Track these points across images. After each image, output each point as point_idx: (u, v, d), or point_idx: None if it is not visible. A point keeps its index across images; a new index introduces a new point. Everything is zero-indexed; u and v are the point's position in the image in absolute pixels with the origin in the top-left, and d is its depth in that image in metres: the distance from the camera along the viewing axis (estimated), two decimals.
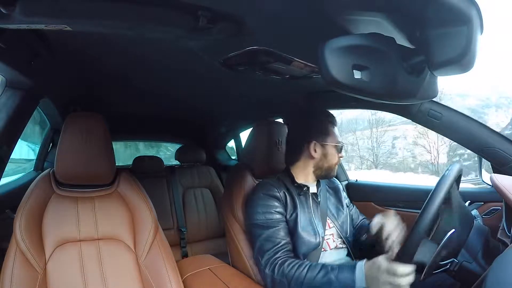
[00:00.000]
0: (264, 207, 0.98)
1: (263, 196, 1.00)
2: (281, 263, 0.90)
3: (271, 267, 0.91)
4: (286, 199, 1.01)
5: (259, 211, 0.99)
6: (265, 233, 0.96)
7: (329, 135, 1.04)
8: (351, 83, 0.48)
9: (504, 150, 0.93)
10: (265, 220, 0.97)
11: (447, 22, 0.47)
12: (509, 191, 0.71)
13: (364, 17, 0.58)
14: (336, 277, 0.81)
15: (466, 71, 0.52)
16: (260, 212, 0.98)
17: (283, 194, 1.01)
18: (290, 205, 1.00)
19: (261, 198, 1.00)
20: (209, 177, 2.16)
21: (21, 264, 0.81)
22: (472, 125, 0.97)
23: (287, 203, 1.00)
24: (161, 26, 0.60)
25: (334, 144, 1.04)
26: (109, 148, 1.00)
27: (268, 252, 0.94)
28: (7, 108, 0.88)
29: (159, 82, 1.12)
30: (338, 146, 1.05)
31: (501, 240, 0.76)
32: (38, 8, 0.52)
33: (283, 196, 1.01)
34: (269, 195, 1.00)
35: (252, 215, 1.00)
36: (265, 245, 0.95)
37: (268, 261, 0.93)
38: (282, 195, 1.01)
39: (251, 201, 1.03)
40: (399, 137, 12.27)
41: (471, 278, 0.67)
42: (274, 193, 1.00)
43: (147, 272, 0.94)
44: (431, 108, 0.99)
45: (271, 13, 0.59)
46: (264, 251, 0.94)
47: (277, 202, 0.99)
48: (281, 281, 0.88)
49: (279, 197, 1.00)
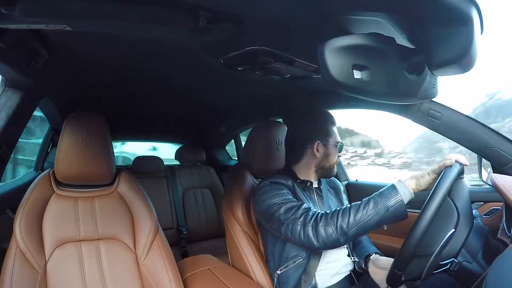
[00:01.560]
0: (274, 191, 0.96)
1: (270, 184, 0.99)
2: (323, 214, 0.84)
3: (312, 218, 0.84)
4: (294, 189, 1.00)
5: (269, 195, 0.95)
6: (283, 206, 0.90)
7: (330, 136, 1.05)
8: (351, 83, 0.48)
9: (504, 150, 0.93)
10: (280, 200, 0.93)
11: (447, 22, 0.47)
12: (509, 191, 0.71)
13: (364, 17, 0.58)
14: (385, 204, 0.76)
15: (466, 71, 0.52)
16: (272, 195, 0.94)
17: (291, 183, 1.01)
18: (298, 195, 0.99)
19: (268, 185, 0.98)
20: (209, 177, 2.17)
21: (21, 264, 0.81)
22: (472, 125, 0.97)
23: (296, 193, 0.99)
24: (161, 26, 0.60)
25: (335, 143, 1.05)
26: (109, 148, 1.00)
27: (301, 210, 0.87)
28: (7, 108, 0.88)
29: (159, 82, 1.12)
30: (339, 146, 1.06)
31: (501, 240, 0.76)
32: (38, 8, 0.52)
33: (291, 184, 1.00)
34: (277, 183, 0.99)
35: (262, 202, 0.96)
36: (291, 209, 0.89)
37: (305, 215, 0.85)
38: (290, 183, 1.00)
39: (258, 192, 1.00)
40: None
41: (471, 278, 0.67)
42: (282, 181, 0.99)
43: (147, 272, 0.94)
44: (431, 108, 0.99)
45: (271, 13, 0.59)
46: (293, 212, 0.88)
47: (286, 189, 0.97)
48: (330, 229, 0.80)
49: (288, 185, 0.99)
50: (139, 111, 1.66)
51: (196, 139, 2.29)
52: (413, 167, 5.88)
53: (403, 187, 0.77)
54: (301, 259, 0.96)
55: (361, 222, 0.77)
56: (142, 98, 1.38)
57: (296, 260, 0.96)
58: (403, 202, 0.76)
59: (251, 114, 1.70)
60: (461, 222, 0.71)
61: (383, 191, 0.79)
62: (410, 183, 0.78)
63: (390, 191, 0.77)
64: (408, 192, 0.77)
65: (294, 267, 0.96)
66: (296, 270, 0.96)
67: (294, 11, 0.58)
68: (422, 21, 0.51)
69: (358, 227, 0.78)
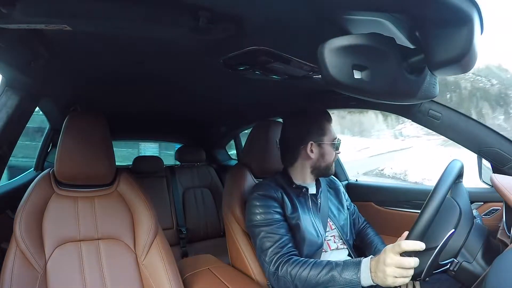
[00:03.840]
0: (261, 208, 0.97)
1: (259, 197, 0.99)
2: (286, 261, 0.89)
3: (275, 265, 0.89)
4: (283, 200, 0.99)
5: (256, 212, 0.98)
6: (264, 231, 0.95)
7: (325, 134, 1.02)
8: (351, 83, 0.48)
9: (504, 150, 0.93)
10: (263, 219, 0.96)
11: (447, 22, 0.47)
12: (509, 191, 0.71)
13: (364, 17, 0.58)
14: (340, 274, 0.78)
15: (466, 71, 0.52)
16: (258, 213, 0.97)
17: (280, 194, 1.00)
18: (289, 206, 0.99)
19: (257, 198, 0.99)
20: (209, 177, 2.17)
21: (21, 263, 0.81)
22: (472, 125, 0.97)
23: (285, 203, 0.99)
24: (161, 26, 0.60)
25: (330, 142, 1.03)
26: (109, 148, 1.00)
27: (271, 250, 0.92)
28: (7, 108, 0.88)
29: (159, 82, 1.11)
30: (335, 143, 1.03)
31: (501, 240, 0.76)
32: (38, 8, 0.52)
33: (280, 196, 0.99)
34: (265, 196, 0.99)
35: (250, 216, 0.99)
36: (266, 243, 0.93)
37: (271, 259, 0.91)
38: (279, 195, 1.00)
39: (248, 203, 1.02)
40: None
41: (471, 278, 0.67)
42: (271, 194, 0.99)
43: (147, 272, 0.94)
44: (431, 108, 0.99)
45: (271, 13, 0.59)
46: (265, 249, 0.93)
47: (274, 202, 0.98)
48: (286, 279, 0.87)
49: (276, 198, 0.99)
50: (139, 111, 1.66)
51: (196, 139, 2.30)
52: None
53: (366, 268, 0.76)
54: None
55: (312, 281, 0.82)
56: (142, 98, 1.38)
57: None
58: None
59: (251, 114, 1.70)
60: (461, 221, 0.71)
61: (348, 264, 0.79)
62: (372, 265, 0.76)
63: (353, 270, 0.77)
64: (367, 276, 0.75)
65: None
66: None
67: (294, 11, 0.58)
68: (422, 21, 0.51)
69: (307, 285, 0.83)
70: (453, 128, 0.98)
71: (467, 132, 0.97)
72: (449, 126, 0.99)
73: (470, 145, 0.98)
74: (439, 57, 0.50)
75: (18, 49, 0.74)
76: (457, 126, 0.98)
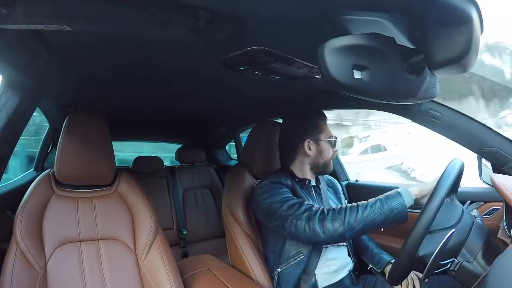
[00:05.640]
0: (276, 189, 0.97)
1: (270, 184, 1.00)
2: (328, 209, 0.86)
3: (317, 213, 0.86)
4: (293, 186, 1.01)
5: (273, 193, 0.96)
6: (288, 203, 0.92)
7: (321, 132, 1.06)
8: (351, 83, 0.48)
9: (504, 150, 0.93)
10: (282, 197, 0.94)
11: (447, 22, 0.47)
12: (509, 191, 0.71)
13: (364, 17, 0.58)
14: (390, 208, 0.79)
15: (466, 71, 0.52)
16: (274, 193, 0.96)
17: (290, 182, 1.02)
18: (299, 193, 1.01)
19: (269, 185, 1.00)
20: (209, 177, 2.17)
21: (21, 264, 0.81)
22: (472, 125, 0.97)
23: (296, 190, 1.01)
24: (161, 26, 0.60)
25: (327, 139, 1.05)
26: (109, 148, 1.00)
27: (303, 207, 0.89)
28: (7, 108, 0.88)
29: (159, 82, 1.11)
30: (331, 141, 1.06)
31: (501, 240, 0.76)
32: (38, 8, 0.52)
33: (290, 184, 1.01)
34: (276, 182, 1.00)
35: (265, 200, 0.96)
36: (294, 207, 0.90)
37: (310, 211, 0.87)
38: (290, 183, 1.02)
39: (258, 191, 1.01)
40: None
41: (471, 278, 0.67)
42: (282, 181, 1.01)
43: (147, 272, 0.94)
44: (431, 108, 0.99)
45: (271, 13, 0.59)
46: (296, 209, 0.89)
47: (286, 188, 0.99)
48: (335, 225, 0.82)
49: (287, 184, 1.01)
50: (139, 111, 1.66)
51: (196, 139, 2.29)
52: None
53: (407, 193, 0.81)
54: (302, 257, 0.96)
55: (367, 219, 0.81)
56: (142, 98, 1.37)
57: (297, 258, 0.97)
58: (406, 207, 0.80)
59: (251, 114, 1.70)
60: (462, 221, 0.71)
61: (389, 195, 0.83)
62: (413, 190, 0.82)
63: (395, 195, 0.82)
64: (411, 198, 0.81)
65: (294, 265, 0.97)
66: (297, 267, 0.97)
67: (294, 11, 0.58)
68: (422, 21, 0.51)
69: (365, 224, 0.81)
70: (453, 128, 0.99)
71: (467, 132, 0.97)
72: (449, 126, 0.99)
73: (470, 145, 0.98)
74: (439, 57, 0.50)
75: (18, 49, 0.74)
76: (457, 126, 0.98)
